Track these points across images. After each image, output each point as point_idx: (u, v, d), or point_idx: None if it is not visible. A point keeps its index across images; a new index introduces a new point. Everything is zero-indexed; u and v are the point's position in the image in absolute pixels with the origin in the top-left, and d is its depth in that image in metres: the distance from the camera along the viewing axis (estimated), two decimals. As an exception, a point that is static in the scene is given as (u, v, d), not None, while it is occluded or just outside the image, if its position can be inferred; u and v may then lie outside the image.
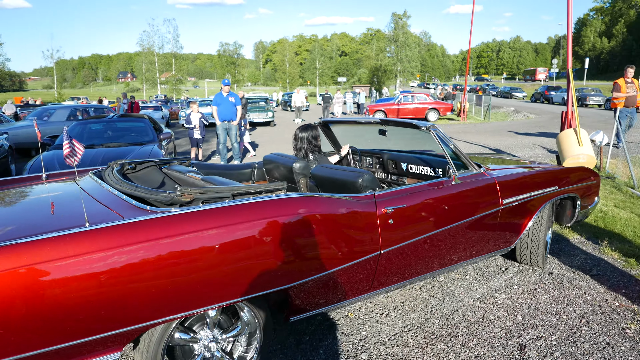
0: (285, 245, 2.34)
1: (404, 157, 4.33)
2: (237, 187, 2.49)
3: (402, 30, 63.63)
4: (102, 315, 1.90)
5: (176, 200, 2.30)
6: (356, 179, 2.90)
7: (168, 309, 2.06)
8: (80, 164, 5.89)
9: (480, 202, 3.37)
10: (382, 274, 2.89)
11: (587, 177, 4.25)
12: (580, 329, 3.04)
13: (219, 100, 9.52)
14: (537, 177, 3.82)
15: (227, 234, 2.17)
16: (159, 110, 22.76)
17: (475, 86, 53.37)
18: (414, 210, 2.96)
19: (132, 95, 18.56)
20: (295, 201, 2.46)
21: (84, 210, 2.09)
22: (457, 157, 3.40)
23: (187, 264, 2.06)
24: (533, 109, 28.82)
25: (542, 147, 11.75)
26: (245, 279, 2.24)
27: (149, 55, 58.42)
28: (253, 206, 2.30)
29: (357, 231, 2.67)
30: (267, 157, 3.77)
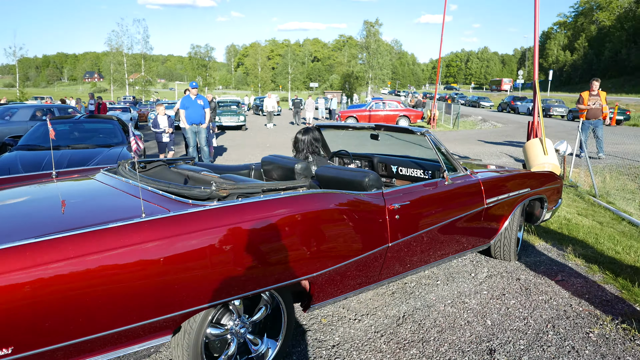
0: (312, 236, 2.55)
1: (394, 160, 4.64)
2: (266, 184, 2.67)
3: (374, 38, 64.31)
4: (158, 300, 2.03)
5: (214, 195, 2.45)
6: (363, 178, 3.08)
7: (214, 294, 2.20)
8: (43, 166, 5.71)
9: (468, 201, 3.69)
10: (388, 266, 3.14)
11: (553, 180, 4.70)
12: (547, 333, 3.12)
13: (186, 103, 9.38)
14: (513, 179, 4.21)
15: (264, 226, 2.35)
16: (127, 111, 22.29)
17: (444, 95, 54.49)
18: (416, 207, 3.26)
19: (100, 96, 18.09)
20: (319, 197, 2.68)
21: (134, 204, 2.27)
22: (448, 160, 3.71)
23: (232, 252, 2.23)
24: (500, 118, 29.62)
25: (509, 155, 12.08)
26: (278, 267, 2.42)
27: (118, 55, 57.08)
28: (285, 201, 2.51)
29: (371, 225, 2.91)
30: (266, 159, 3.85)
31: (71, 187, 3.15)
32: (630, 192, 7.61)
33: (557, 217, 5.88)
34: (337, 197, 2.76)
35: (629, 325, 3.20)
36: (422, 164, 4.39)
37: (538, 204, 4.60)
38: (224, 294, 2.24)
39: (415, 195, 3.27)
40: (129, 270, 1.93)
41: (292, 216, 2.47)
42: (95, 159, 6.02)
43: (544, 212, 4.62)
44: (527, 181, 4.30)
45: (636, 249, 4.76)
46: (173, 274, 2.05)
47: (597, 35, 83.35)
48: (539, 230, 5.36)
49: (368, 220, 2.89)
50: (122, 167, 3.21)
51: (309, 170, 3.44)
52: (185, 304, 2.13)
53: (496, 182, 3.98)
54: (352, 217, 2.78)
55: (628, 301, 3.60)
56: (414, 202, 3.22)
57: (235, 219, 2.27)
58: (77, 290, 1.83)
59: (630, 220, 5.95)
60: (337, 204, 2.72)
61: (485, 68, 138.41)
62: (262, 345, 2.63)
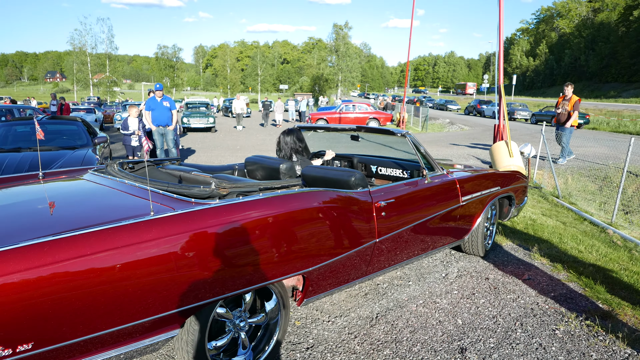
0: (308, 232, 2.65)
1: (373, 160, 4.80)
2: (262, 183, 2.79)
3: (343, 41, 64.78)
4: (167, 295, 2.08)
5: (215, 194, 2.53)
6: (349, 178, 3.17)
7: (218, 289, 2.27)
8: (3, 169, 5.48)
9: (446, 198, 3.87)
10: (375, 260, 3.27)
11: (520, 179, 4.96)
12: (515, 331, 3.20)
13: (152, 104, 9.19)
14: (485, 178, 4.41)
15: (265, 222, 2.44)
16: (92, 112, 21.68)
17: (413, 98, 55.31)
18: (400, 205, 3.39)
19: (62, 96, 17.51)
20: (313, 195, 2.78)
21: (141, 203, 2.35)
22: (426, 160, 3.87)
23: (236, 248, 2.31)
24: (467, 121, 30.29)
25: (476, 157, 12.35)
26: (278, 262, 2.50)
27: (81, 55, 55.43)
28: (282, 199, 2.60)
29: (361, 222, 3.04)
30: (250, 159, 3.87)
31: (66, 188, 3.14)
32: (590, 193, 7.91)
33: (523, 217, 6.05)
34: (328, 195, 2.87)
35: (592, 322, 3.32)
36: (400, 164, 4.56)
37: (506, 201, 4.83)
38: (227, 289, 2.31)
39: (398, 193, 3.42)
40: (140, 267, 1.98)
41: (289, 213, 2.56)
42: (59, 161, 5.82)
43: (512, 209, 4.90)
44: (497, 180, 4.51)
45: (597, 248, 4.94)
46: (182, 270, 2.11)
47: (558, 42, 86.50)
48: (506, 230, 5.50)
49: (357, 217, 3.01)
50: (111, 167, 3.25)
51: (294, 170, 3.50)
52: (193, 299, 2.18)
53: (470, 181, 4.16)
54: (342, 214, 2.90)
55: (591, 298, 3.73)
56: (398, 200, 3.36)
57: (238, 216, 2.35)
58: (92, 287, 1.87)
59: (592, 220, 6.18)
60: (329, 202, 2.83)
61: (452, 72, 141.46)
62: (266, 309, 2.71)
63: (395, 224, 3.32)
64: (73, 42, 55.24)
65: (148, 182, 2.55)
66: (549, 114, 26.58)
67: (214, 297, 2.27)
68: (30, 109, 15.33)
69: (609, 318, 3.39)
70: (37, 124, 3.55)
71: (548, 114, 26.72)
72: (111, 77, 57.39)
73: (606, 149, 12.11)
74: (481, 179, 4.33)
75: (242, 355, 2.59)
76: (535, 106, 39.30)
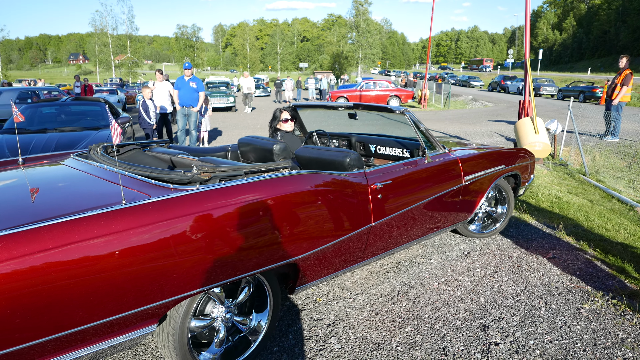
0: (297, 218, 2.52)
1: (372, 139, 4.58)
2: (248, 166, 2.62)
3: (363, 17, 63.61)
4: (142, 289, 1.97)
5: (196, 179, 2.39)
6: (344, 158, 3.04)
7: (199, 280, 2.15)
8: (30, 149, 5.61)
9: (448, 178, 3.71)
10: (371, 245, 3.14)
11: (527, 157, 4.74)
12: (539, 309, 3.17)
13: (180, 84, 9.20)
14: (489, 157, 4.23)
15: (248, 209, 2.30)
16: (114, 93, 21.93)
17: (435, 74, 54.31)
18: (398, 186, 3.24)
19: (86, 77, 17.73)
20: (303, 177, 2.63)
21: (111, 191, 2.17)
22: (427, 138, 3.70)
23: (217, 237, 2.17)
24: (490, 97, 29.64)
25: (499, 134, 12.11)
26: (264, 250, 2.38)
27: (102, 36, 55.85)
28: (269, 182, 2.45)
29: (355, 205, 2.90)
30: (243, 140, 3.75)
31: (41, 174, 2.96)
32: (619, 170, 7.69)
33: (548, 195, 5.93)
34: (320, 177, 2.72)
35: (619, 301, 3.26)
36: (400, 143, 4.37)
37: (512, 179, 4.65)
38: (209, 280, 2.19)
39: (396, 174, 3.26)
40: (109, 260, 1.85)
41: (276, 198, 2.42)
42: (83, 141, 5.92)
43: (518, 188, 4.71)
44: (502, 158, 4.33)
45: (625, 226, 4.82)
46: (156, 262, 1.98)
47: (587, 14, 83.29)
48: (530, 208, 5.41)
49: (351, 200, 2.87)
50: (94, 151, 3.04)
51: (287, 151, 3.38)
52: (170, 292, 2.06)
53: (473, 159, 4.00)
54: (336, 197, 2.76)
55: (618, 277, 3.66)
56: (395, 181, 3.21)
57: (218, 202, 2.21)
58: (55, 283, 1.74)
59: (620, 198, 6.02)
60: (321, 185, 2.69)
61: (475, 47, 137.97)
62: (253, 321, 2.63)
63: (392, 207, 3.17)
64: (94, 23, 55.69)
65: (117, 167, 2.43)
66: (577, 89, 25.82)
67: (193, 290, 2.15)
68: (56, 90, 15.60)
69: (636, 297, 3.32)
70: (14, 107, 3.41)
71: (575, 89, 25.96)
72: (132, 58, 57.85)
73: (637, 125, 11.72)
74: (485, 158, 4.16)
75: (210, 353, 2.46)
76: (562, 81, 38.22)
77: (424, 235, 3.68)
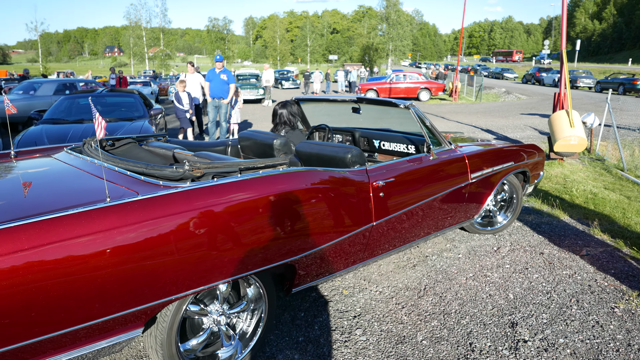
0: (293, 217, 2.42)
1: (376, 135, 4.45)
2: (243, 162, 2.52)
3: (394, 9, 62.86)
4: (126, 292, 1.89)
5: (187, 175, 2.30)
6: (345, 155, 2.93)
7: (188, 282, 2.06)
8: (68, 139, 5.80)
9: (454, 176, 3.60)
10: (372, 245, 3.03)
11: (536, 153, 4.58)
12: (571, 307, 3.10)
13: (211, 76, 9.34)
14: (497, 153, 4.11)
15: (242, 207, 2.21)
16: (147, 85, 22.39)
17: (467, 66, 53.22)
18: (401, 184, 3.13)
19: (121, 70, 18.17)
20: (301, 175, 2.53)
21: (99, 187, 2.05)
22: (432, 134, 3.58)
23: (208, 237, 2.08)
24: (524, 90, 28.88)
25: (533, 128, 11.81)
26: (258, 252, 2.29)
27: (137, 29, 57.18)
28: (264, 180, 2.35)
29: (355, 204, 2.79)
30: (244, 134, 3.66)
31: (30, 168, 2.84)
32: (659, 166, 7.39)
33: (583, 191, 5.76)
34: (318, 175, 2.62)
35: (656, 301, 3.15)
36: (406, 139, 4.22)
37: (521, 176, 4.51)
38: (199, 282, 2.10)
39: (399, 172, 3.15)
40: (91, 261, 1.76)
41: (272, 196, 2.32)
42: (118, 132, 6.09)
43: (527, 185, 4.57)
44: (510, 155, 4.20)
45: (665, 224, 4.64)
46: (142, 263, 1.89)
47: (628, 3, 79.79)
48: (564, 204, 5.27)
49: (352, 199, 2.77)
50: (88, 145, 2.93)
51: (289, 147, 3.28)
52: (157, 295, 1.97)
53: (480, 156, 3.88)
54: (335, 195, 2.66)
55: (655, 276, 3.53)
56: (398, 179, 3.10)
57: (210, 201, 2.11)
58: (30, 285, 1.65)
59: (660, 194, 5.78)
60: (319, 183, 2.59)
61: (510, 38, 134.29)
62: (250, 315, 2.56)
63: (395, 205, 3.06)
64: (129, 16, 57.03)
65: (102, 161, 2.33)
66: (616, 81, 24.88)
67: (181, 293, 2.05)
68: (85, 81, 16.04)
69: (674, 297, 3.20)
70: (6, 99, 3.35)
71: (615, 81, 25.01)
72: (165, 51, 58.94)
73: (680, 119, 11.22)
74: (493, 154, 4.03)
75: (228, 347, 2.44)
76: (601, 73, 36.84)
77: (429, 234, 3.57)
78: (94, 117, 2.18)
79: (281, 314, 3.03)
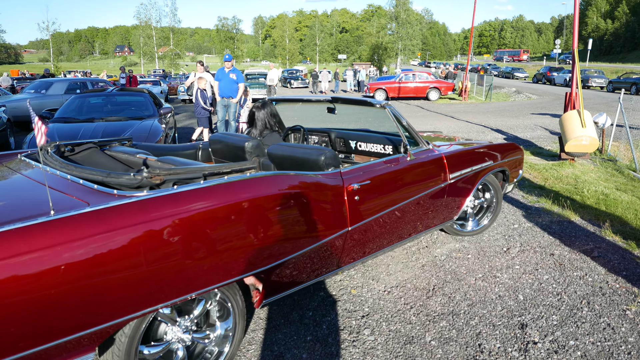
0: (262, 226, 2.29)
1: (353, 135, 4.35)
2: (208, 167, 2.39)
3: (403, 7, 62.59)
4: (74, 314, 1.72)
5: (145, 183, 2.15)
6: (319, 157, 2.82)
7: (144, 301, 1.90)
8: (79, 138, 5.86)
9: (432, 177, 3.52)
10: (349, 250, 2.94)
11: (515, 151, 4.52)
12: (581, 309, 3.06)
13: (220, 75, 9.38)
14: (476, 152, 4.03)
15: (205, 217, 2.05)
16: (157, 85, 22.53)
17: (476, 66, 52.90)
18: (377, 187, 3.03)
19: (131, 69, 18.31)
20: (270, 180, 2.41)
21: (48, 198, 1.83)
22: (409, 133, 3.49)
23: (165, 251, 1.92)
24: (535, 89, 28.64)
25: (544, 128, 11.71)
26: (223, 264, 2.14)
27: (147, 28, 57.58)
28: (229, 186, 2.21)
29: (328, 209, 2.68)
30: (215, 137, 3.53)
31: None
32: (673, 167, 7.28)
33: (595, 191, 5.70)
34: (289, 179, 2.49)
35: (669, 303, 3.11)
36: (383, 139, 4.12)
37: (500, 175, 4.43)
38: (158, 299, 1.94)
39: (375, 174, 3.04)
40: (32, 282, 1.60)
41: (238, 204, 2.17)
42: (128, 131, 6.13)
43: (506, 184, 4.49)
44: (489, 154, 4.12)
45: (678, 226, 4.58)
46: (92, 281, 1.72)
47: (642, 2, 78.77)
48: (575, 204, 5.22)
49: (324, 204, 2.65)
50: (44, 151, 2.71)
51: (261, 149, 3.15)
52: (111, 316, 1.81)
53: (459, 156, 3.80)
54: (307, 201, 2.54)
55: (668, 278, 3.49)
56: (374, 181, 3.00)
57: (167, 211, 1.94)
58: None
59: (673, 195, 5.70)
60: (289, 188, 2.46)
61: (520, 37, 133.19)
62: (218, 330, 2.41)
63: (371, 209, 2.96)
64: (139, 16, 57.46)
65: (43, 170, 2.17)
66: (629, 80, 24.60)
67: (139, 312, 1.89)
68: (102, 81, 16.18)
69: (688, 300, 3.16)
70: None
71: (627, 80, 24.73)
72: (175, 50, 59.29)
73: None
74: (472, 154, 3.95)
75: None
76: (613, 73, 36.47)
77: (408, 237, 3.49)
78: (33, 122, 2.03)
79: (289, 312, 3.04)
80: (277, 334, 2.80)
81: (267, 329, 2.87)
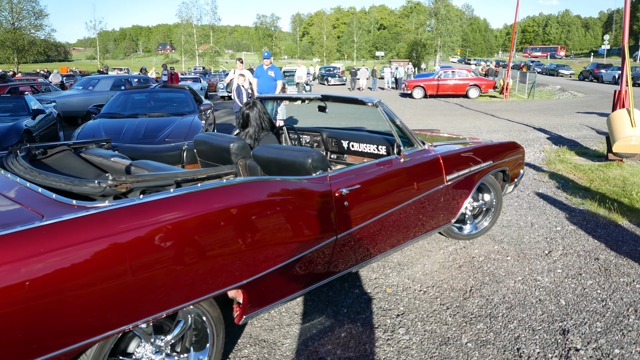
0: (240, 237, 2.11)
1: (345, 135, 4.21)
2: (181, 173, 2.23)
3: (443, 3, 61.53)
4: (25, 339, 1.54)
5: (109, 192, 1.98)
6: (305, 159, 2.65)
7: (106, 323, 1.73)
8: (123, 132, 6.06)
9: (427, 179, 3.36)
10: (337, 260, 2.78)
11: (516, 151, 4.37)
12: (628, 317, 2.94)
13: (259, 72, 9.50)
14: (475, 152, 3.87)
15: (175, 229, 1.87)
16: (197, 81, 23.03)
17: (519, 62, 51.39)
18: (367, 191, 2.86)
19: (172, 66, 18.79)
20: (249, 187, 2.21)
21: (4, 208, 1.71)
22: (403, 133, 3.33)
23: (129, 268, 1.74)
24: (581, 87, 27.57)
25: (590, 127, 11.27)
26: (198, 279, 1.96)
27: (188, 27, 58.95)
28: (203, 195, 2.01)
29: (314, 216, 2.51)
30: (199, 137, 3.38)
31: None
32: None
33: (644, 194, 5.44)
34: (270, 185, 2.31)
35: None
36: (377, 138, 3.94)
37: (501, 175, 4.26)
38: (121, 321, 1.77)
39: (366, 177, 2.86)
40: None
41: (213, 214, 1.98)
42: (170, 126, 6.31)
43: (506, 185, 4.34)
44: (488, 153, 3.95)
45: None
46: (40, 303, 1.54)
47: (701, -6, 74.38)
48: (623, 208, 5.00)
49: (310, 211, 2.48)
50: (13, 154, 2.52)
51: (247, 150, 3.01)
52: (68, 340, 1.63)
53: (456, 156, 3.63)
54: (291, 208, 2.36)
55: None
56: (365, 185, 2.82)
57: (132, 223, 1.75)
58: None
59: None
60: (270, 195, 2.28)
61: (566, 33, 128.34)
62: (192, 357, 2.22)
63: (361, 215, 2.78)
64: (181, 14, 58.86)
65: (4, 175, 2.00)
66: (684, 78, 23.29)
67: (99, 335, 1.72)
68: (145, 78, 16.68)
69: None
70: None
71: (682, 78, 23.42)
72: (214, 48, 60.45)
73: None
74: (470, 154, 3.77)
75: None
76: None
77: (401, 243, 3.31)
78: None
79: (324, 308, 3.05)
80: (311, 330, 2.82)
81: (302, 324, 2.90)
